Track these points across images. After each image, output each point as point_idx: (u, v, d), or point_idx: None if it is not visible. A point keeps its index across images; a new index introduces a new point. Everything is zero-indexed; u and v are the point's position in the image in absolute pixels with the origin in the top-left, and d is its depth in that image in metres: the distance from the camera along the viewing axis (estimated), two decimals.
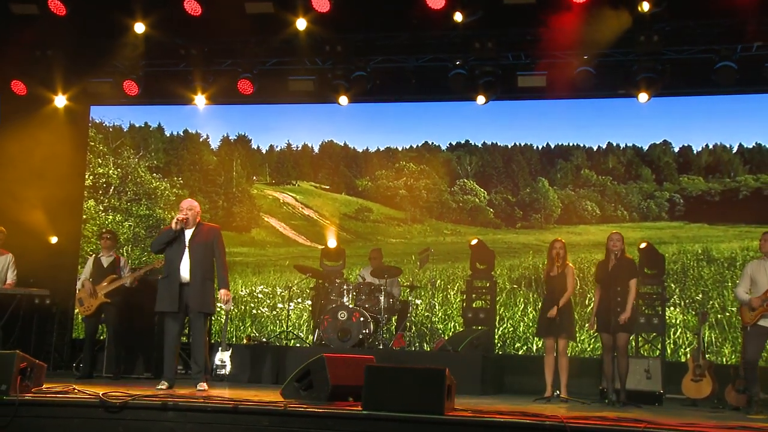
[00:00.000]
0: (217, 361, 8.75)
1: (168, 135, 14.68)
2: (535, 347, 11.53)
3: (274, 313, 12.76)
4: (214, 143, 14.39)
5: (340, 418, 5.34)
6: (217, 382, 8.31)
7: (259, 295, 13.24)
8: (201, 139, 14.43)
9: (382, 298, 9.42)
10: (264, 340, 10.40)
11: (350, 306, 9.26)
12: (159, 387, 6.97)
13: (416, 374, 5.48)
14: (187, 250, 7.13)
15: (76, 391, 6.06)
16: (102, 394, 5.69)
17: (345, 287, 9.52)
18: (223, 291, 7.23)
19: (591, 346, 11.33)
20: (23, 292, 8.60)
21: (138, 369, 8.97)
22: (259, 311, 13.00)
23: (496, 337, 10.97)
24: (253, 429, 5.36)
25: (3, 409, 5.58)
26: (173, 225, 7.14)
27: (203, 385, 7.04)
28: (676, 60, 9.98)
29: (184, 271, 7.09)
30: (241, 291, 13.35)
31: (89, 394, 5.82)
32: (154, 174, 14.21)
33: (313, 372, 5.94)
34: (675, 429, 5.16)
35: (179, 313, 7.16)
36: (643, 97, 10.09)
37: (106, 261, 8.99)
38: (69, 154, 12.14)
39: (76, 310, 8.90)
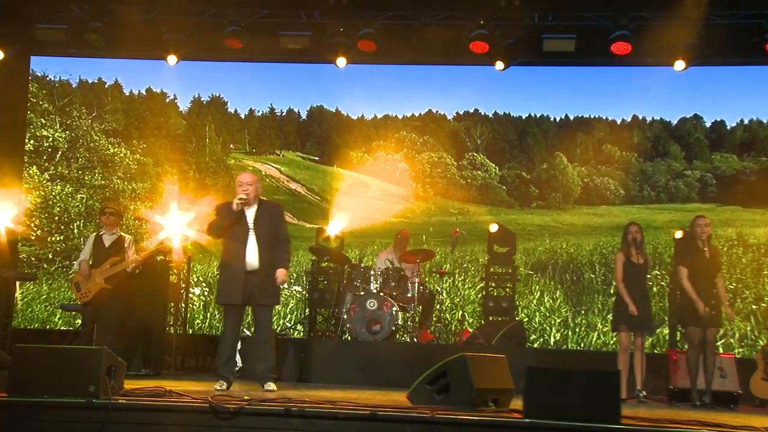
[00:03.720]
0: None
1: (127, 94, 14.25)
2: (552, 339, 11.63)
3: None
4: (183, 105, 14.12)
5: (498, 427, 5.13)
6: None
7: None
8: (167, 100, 14.07)
9: (415, 286, 9.42)
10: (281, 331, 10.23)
11: (380, 294, 9.22)
12: (217, 387, 6.77)
13: (586, 377, 5.34)
14: (252, 233, 6.90)
15: (172, 393, 5.81)
16: (212, 398, 5.48)
17: (371, 273, 9.45)
18: (281, 271, 6.97)
19: (614, 339, 11.44)
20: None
21: (135, 365, 8.63)
22: None
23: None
24: None
25: (93, 414, 5.30)
26: (234, 206, 6.86)
27: (271, 385, 6.90)
28: (718, 26, 10.02)
29: (252, 258, 6.88)
30: (218, 274, 12.99)
31: (196, 398, 5.58)
32: (111, 138, 13.79)
33: (451, 374, 5.70)
34: None
35: (241, 305, 6.96)
36: (680, 65, 10.16)
37: (108, 240, 8.57)
38: (5, 112, 11.53)
39: (74, 296, 8.48)
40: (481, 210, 12.50)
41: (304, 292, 10.35)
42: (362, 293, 9.28)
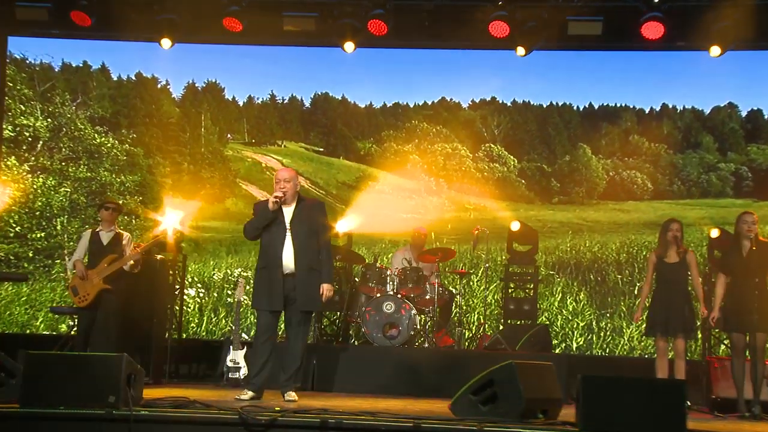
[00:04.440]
0: (228, 363, 8.55)
1: (115, 79, 14.07)
2: (575, 345, 11.59)
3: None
4: (177, 91, 13.98)
5: None
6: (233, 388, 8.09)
7: (238, 280, 12.71)
8: (159, 85, 13.91)
9: (434, 287, 9.36)
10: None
11: (398, 296, 9.17)
12: (241, 397, 6.73)
13: (648, 386, 5.33)
14: (288, 233, 6.91)
15: (197, 403, 5.78)
16: (241, 409, 5.45)
17: (387, 273, 9.40)
18: (326, 286, 7.02)
19: (642, 343, 11.44)
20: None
21: None
22: (236, 300, 12.56)
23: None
24: None
25: (113, 426, 5.27)
26: (270, 205, 6.87)
27: (293, 395, 6.87)
28: (759, 7, 9.93)
29: (288, 260, 6.89)
30: (214, 274, 12.99)
31: (225, 409, 5.57)
32: (98, 127, 13.63)
33: (497, 382, 5.67)
34: None
35: (277, 311, 6.96)
36: (715, 51, 10.07)
37: (106, 237, 8.45)
38: None
39: (71, 301, 8.37)
40: (499, 205, 12.45)
41: None
42: (378, 295, 9.23)
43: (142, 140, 13.70)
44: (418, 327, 9.18)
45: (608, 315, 11.83)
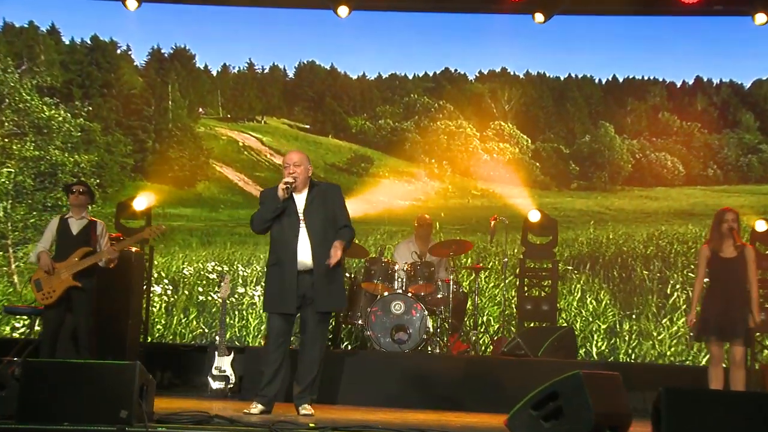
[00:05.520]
0: (213, 371, 8.44)
1: (68, 42, 13.84)
2: (594, 350, 11.47)
3: (232, 300, 12.26)
4: (140, 58, 13.74)
5: None
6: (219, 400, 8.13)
7: (211, 276, 12.66)
8: (119, 51, 13.69)
9: (448, 285, 9.22)
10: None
11: (407, 295, 9.00)
12: (251, 411, 6.62)
13: (737, 400, 5.31)
14: (302, 224, 6.75)
15: (219, 418, 5.67)
16: (273, 425, 5.39)
17: (395, 268, 9.22)
18: (336, 242, 6.71)
19: (673, 349, 11.33)
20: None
21: None
22: (209, 298, 12.47)
23: None
24: None
25: None
26: (279, 192, 6.65)
27: (308, 409, 6.75)
28: None
29: (304, 255, 6.75)
30: (184, 269, 12.88)
31: (252, 425, 5.53)
32: (47, 98, 13.37)
33: (562, 395, 5.54)
34: None
35: (292, 313, 6.83)
36: (760, 18, 9.98)
37: (76, 226, 8.16)
38: None
39: (33, 297, 8.25)
40: (510, 191, 12.33)
41: None
42: (385, 293, 9.07)
43: (99, 114, 13.43)
44: (431, 330, 9.06)
45: (634, 316, 11.70)
